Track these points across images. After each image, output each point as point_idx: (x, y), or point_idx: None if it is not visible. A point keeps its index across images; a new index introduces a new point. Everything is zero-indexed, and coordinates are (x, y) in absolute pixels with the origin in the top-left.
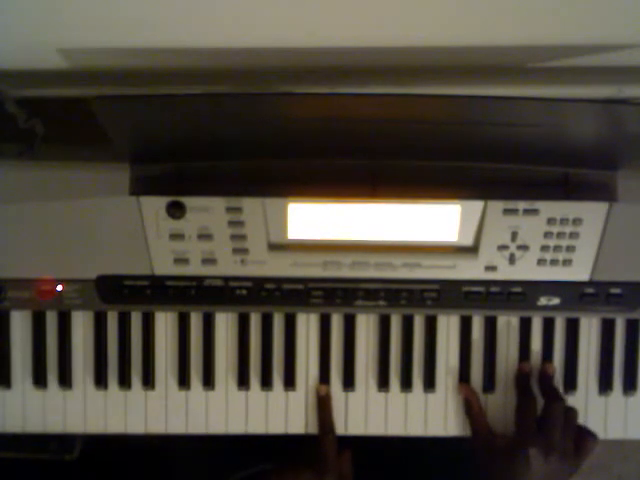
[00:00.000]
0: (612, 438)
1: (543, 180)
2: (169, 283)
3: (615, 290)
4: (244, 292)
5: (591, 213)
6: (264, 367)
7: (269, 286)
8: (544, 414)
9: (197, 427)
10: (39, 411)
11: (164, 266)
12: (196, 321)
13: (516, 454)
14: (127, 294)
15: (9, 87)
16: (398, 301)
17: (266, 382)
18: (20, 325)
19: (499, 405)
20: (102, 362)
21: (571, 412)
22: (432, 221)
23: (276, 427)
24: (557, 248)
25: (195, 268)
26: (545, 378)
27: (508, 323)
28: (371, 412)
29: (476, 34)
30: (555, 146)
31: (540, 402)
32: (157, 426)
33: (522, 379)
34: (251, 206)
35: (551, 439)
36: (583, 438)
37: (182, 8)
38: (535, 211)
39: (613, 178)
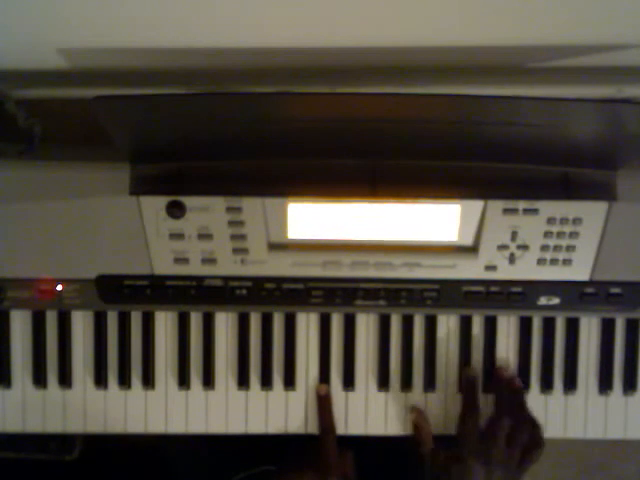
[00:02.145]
0: (612, 438)
1: (543, 180)
2: (169, 283)
3: (615, 290)
4: (244, 292)
5: (591, 213)
6: (264, 367)
7: (269, 286)
8: (494, 423)
9: (197, 427)
10: (39, 411)
11: (164, 266)
12: (196, 321)
13: (459, 467)
14: (127, 294)
15: (9, 87)
16: (398, 301)
17: (266, 382)
18: (20, 325)
19: None
20: (102, 362)
21: (530, 424)
22: (432, 221)
23: (276, 427)
24: (557, 248)
25: (195, 268)
26: (498, 382)
27: (508, 323)
28: (371, 412)
29: (476, 34)
30: (555, 146)
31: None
32: (157, 426)
33: (469, 386)
34: (251, 206)
35: (494, 450)
36: (529, 448)
37: (182, 8)
38: (535, 211)
39: (613, 178)
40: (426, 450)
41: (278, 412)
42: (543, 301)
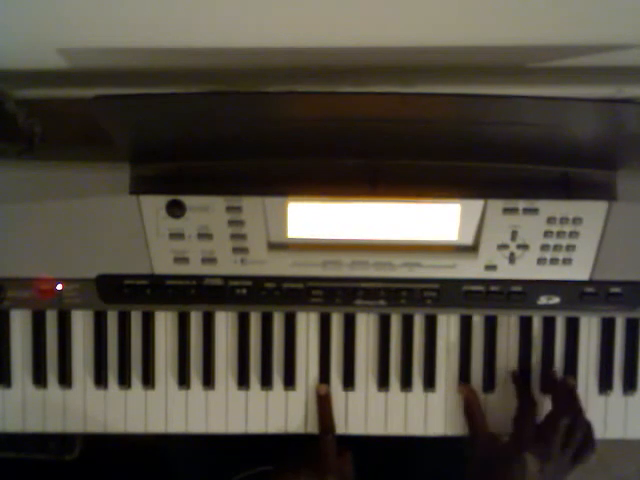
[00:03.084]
0: (612, 438)
1: (543, 179)
2: (169, 282)
3: (615, 289)
4: (244, 291)
5: (591, 212)
6: (264, 367)
7: (269, 285)
8: (552, 421)
9: (197, 427)
10: (39, 411)
11: (164, 265)
12: (196, 320)
13: (513, 460)
14: (127, 293)
15: (9, 87)
16: (398, 300)
17: (266, 382)
18: (20, 325)
19: (499, 405)
20: (102, 362)
21: (586, 425)
22: (432, 220)
23: (276, 427)
24: (557, 247)
25: (195, 267)
26: (564, 388)
27: (508, 323)
28: (371, 412)
29: (476, 34)
30: (555, 146)
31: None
32: (157, 426)
33: (522, 381)
34: (251, 205)
35: (551, 449)
36: (582, 449)
37: (182, 8)
38: (535, 210)
39: (613, 177)
40: (481, 433)
41: (278, 412)
42: (543, 301)
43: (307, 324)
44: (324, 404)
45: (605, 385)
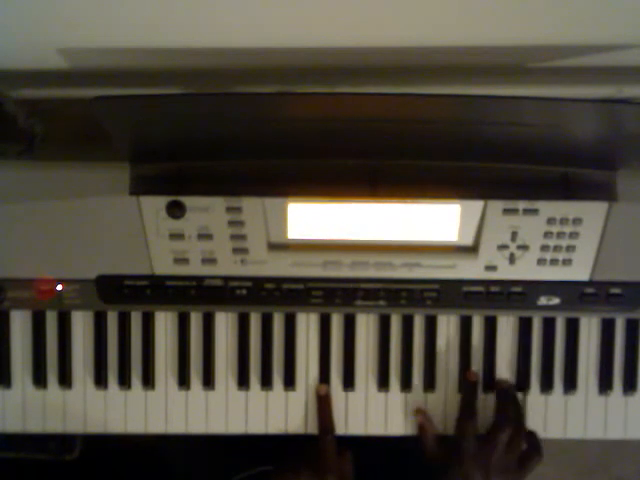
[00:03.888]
0: (612, 438)
1: (543, 180)
2: (169, 283)
3: (615, 290)
4: (244, 292)
5: (591, 213)
6: (264, 367)
7: (269, 286)
8: (492, 430)
9: (197, 427)
10: (39, 411)
11: (164, 266)
12: (196, 321)
13: (455, 471)
14: (127, 294)
15: (9, 87)
16: (398, 301)
17: (266, 382)
18: (20, 325)
19: None
20: (102, 362)
21: (520, 431)
22: (432, 221)
23: (276, 427)
24: (557, 248)
25: (195, 268)
26: (500, 392)
27: (508, 323)
28: (371, 412)
29: (476, 34)
30: (555, 146)
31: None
32: (157, 426)
33: (468, 390)
34: (251, 206)
35: (492, 458)
36: (527, 454)
37: (182, 8)
38: (535, 211)
39: (613, 178)
40: (429, 451)
41: (278, 412)
42: (543, 301)
43: (307, 325)
44: (324, 404)
45: (605, 385)
